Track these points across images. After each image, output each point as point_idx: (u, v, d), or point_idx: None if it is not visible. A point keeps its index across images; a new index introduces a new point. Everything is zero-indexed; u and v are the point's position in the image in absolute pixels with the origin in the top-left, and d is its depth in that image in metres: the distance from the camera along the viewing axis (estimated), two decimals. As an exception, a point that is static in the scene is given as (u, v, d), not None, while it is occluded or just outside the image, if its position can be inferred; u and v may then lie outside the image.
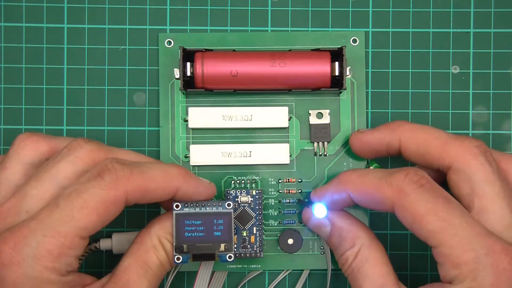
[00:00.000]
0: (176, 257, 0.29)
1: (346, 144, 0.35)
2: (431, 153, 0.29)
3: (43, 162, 0.29)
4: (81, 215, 0.26)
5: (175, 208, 0.29)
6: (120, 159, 0.27)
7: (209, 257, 0.29)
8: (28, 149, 0.29)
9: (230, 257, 0.29)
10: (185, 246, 0.29)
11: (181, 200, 0.29)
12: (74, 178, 0.27)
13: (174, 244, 0.29)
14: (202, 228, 0.29)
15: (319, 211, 0.32)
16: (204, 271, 0.31)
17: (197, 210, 0.29)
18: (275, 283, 0.35)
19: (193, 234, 0.29)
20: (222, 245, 0.29)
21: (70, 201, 0.26)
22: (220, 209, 0.29)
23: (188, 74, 0.33)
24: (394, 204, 0.28)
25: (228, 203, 0.29)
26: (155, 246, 0.28)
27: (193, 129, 0.35)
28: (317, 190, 0.32)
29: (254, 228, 0.33)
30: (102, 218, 0.26)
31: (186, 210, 0.29)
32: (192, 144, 0.34)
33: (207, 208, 0.29)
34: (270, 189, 0.35)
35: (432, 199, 0.27)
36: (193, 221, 0.29)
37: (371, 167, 0.34)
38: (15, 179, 0.29)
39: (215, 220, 0.29)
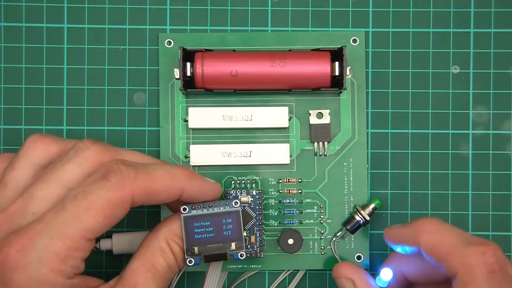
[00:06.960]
0: (188, 259, 0.29)
1: (346, 144, 0.35)
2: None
3: None
4: (87, 216, 0.25)
5: (182, 211, 0.29)
6: (126, 161, 0.27)
7: (221, 257, 0.29)
8: (39, 150, 0.29)
9: (242, 255, 0.29)
10: (196, 248, 0.29)
11: (187, 201, 0.29)
12: (80, 180, 0.27)
13: (185, 247, 0.29)
14: (212, 229, 0.29)
15: (385, 275, 0.30)
16: (214, 270, 0.31)
17: (205, 211, 0.29)
18: (276, 283, 0.35)
19: (203, 236, 0.29)
20: (233, 244, 0.29)
21: (76, 203, 0.26)
22: (228, 208, 0.29)
23: (188, 74, 0.33)
24: (455, 276, 0.26)
25: (235, 202, 0.29)
26: (162, 249, 0.28)
27: (193, 129, 0.35)
28: (390, 229, 0.30)
29: (254, 228, 0.33)
30: (108, 220, 0.26)
31: (194, 212, 0.29)
32: (192, 144, 0.34)
33: (215, 209, 0.29)
34: (270, 189, 0.35)
35: None
36: (201, 223, 0.29)
37: (373, 204, 0.33)
38: (24, 180, 0.28)
39: (224, 220, 0.29)
